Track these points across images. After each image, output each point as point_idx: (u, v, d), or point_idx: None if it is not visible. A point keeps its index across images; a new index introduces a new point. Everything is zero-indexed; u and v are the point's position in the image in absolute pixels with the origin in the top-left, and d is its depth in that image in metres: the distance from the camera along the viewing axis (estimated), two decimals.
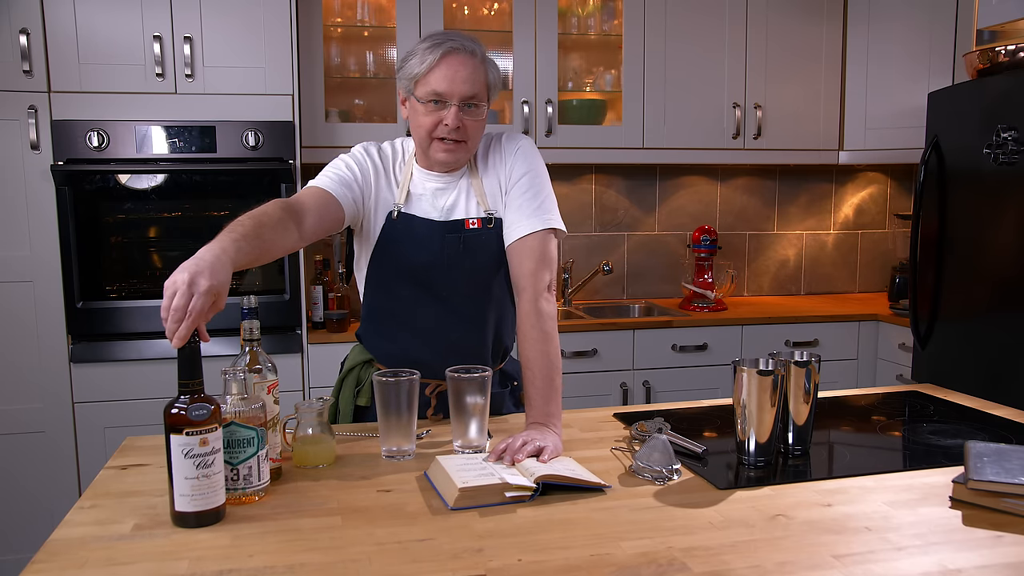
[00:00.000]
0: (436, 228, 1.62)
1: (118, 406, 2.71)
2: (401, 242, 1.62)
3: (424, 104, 1.55)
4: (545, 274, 1.58)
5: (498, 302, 1.69)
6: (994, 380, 2.54)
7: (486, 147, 1.68)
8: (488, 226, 1.63)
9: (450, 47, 1.53)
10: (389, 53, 3.23)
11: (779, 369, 1.37)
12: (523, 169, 1.63)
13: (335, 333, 2.94)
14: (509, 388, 1.79)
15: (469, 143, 1.59)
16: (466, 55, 1.54)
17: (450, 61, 1.53)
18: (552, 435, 1.43)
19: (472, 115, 1.56)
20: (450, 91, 1.52)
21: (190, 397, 1.14)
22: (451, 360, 1.53)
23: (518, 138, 1.69)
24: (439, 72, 1.53)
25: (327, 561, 1.04)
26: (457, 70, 1.53)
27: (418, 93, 1.56)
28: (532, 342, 1.53)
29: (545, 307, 1.56)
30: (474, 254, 1.63)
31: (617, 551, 1.06)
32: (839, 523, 1.15)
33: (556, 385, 1.51)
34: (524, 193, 1.61)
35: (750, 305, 3.56)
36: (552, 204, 1.63)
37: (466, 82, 1.53)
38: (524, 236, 1.58)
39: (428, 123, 1.55)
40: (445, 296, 1.64)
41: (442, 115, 1.54)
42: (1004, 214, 2.52)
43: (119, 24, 2.63)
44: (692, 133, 3.34)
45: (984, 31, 2.89)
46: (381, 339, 1.72)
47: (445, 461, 1.32)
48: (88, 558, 1.05)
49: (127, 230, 2.72)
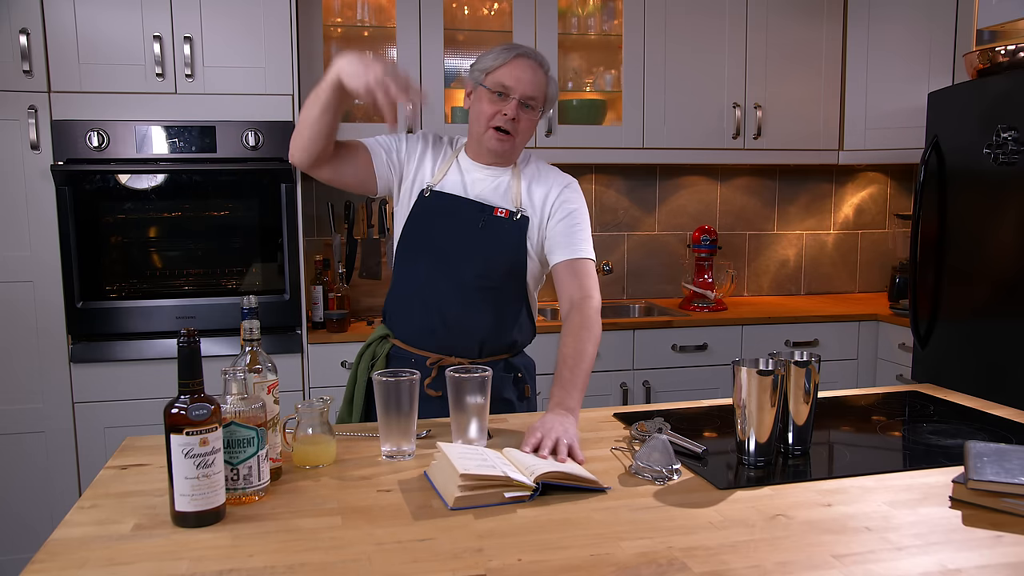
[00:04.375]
0: (463, 204, 1.78)
1: (118, 406, 2.71)
2: (429, 216, 1.78)
3: (490, 93, 1.73)
4: (595, 289, 1.77)
5: (508, 296, 1.81)
6: (994, 380, 2.54)
7: (536, 164, 1.86)
8: (514, 219, 1.78)
9: (523, 52, 1.75)
10: (389, 53, 3.23)
11: (779, 369, 1.37)
12: (576, 204, 1.82)
13: (335, 333, 2.94)
14: (513, 376, 1.87)
15: (518, 139, 1.76)
16: (535, 63, 1.75)
17: (520, 63, 1.73)
18: (569, 420, 1.50)
19: (527, 114, 1.74)
20: (515, 86, 1.72)
21: (190, 397, 1.14)
22: (460, 338, 1.76)
23: (568, 176, 1.87)
24: (509, 69, 1.72)
25: (327, 561, 1.04)
26: (524, 71, 1.72)
27: (487, 83, 1.73)
28: (573, 338, 1.66)
29: (592, 314, 1.71)
30: (492, 238, 1.76)
31: (617, 551, 1.06)
32: (839, 523, 1.16)
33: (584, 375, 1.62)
34: (576, 224, 1.80)
35: (750, 305, 3.56)
36: (591, 240, 1.83)
37: (530, 83, 1.72)
38: (573, 259, 1.77)
39: (490, 111, 1.73)
40: (461, 275, 1.76)
41: (503, 106, 1.72)
42: (1004, 214, 2.52)
43: (119, 24, 2.63)
44: (692, 133, 3.34)
45: (984, 31, 2.89)
46: (400, 313, 1.85)
47: (448, 448, 1.32)
48: (88, 558, 1.05)
49: (127, 230, 2.72)
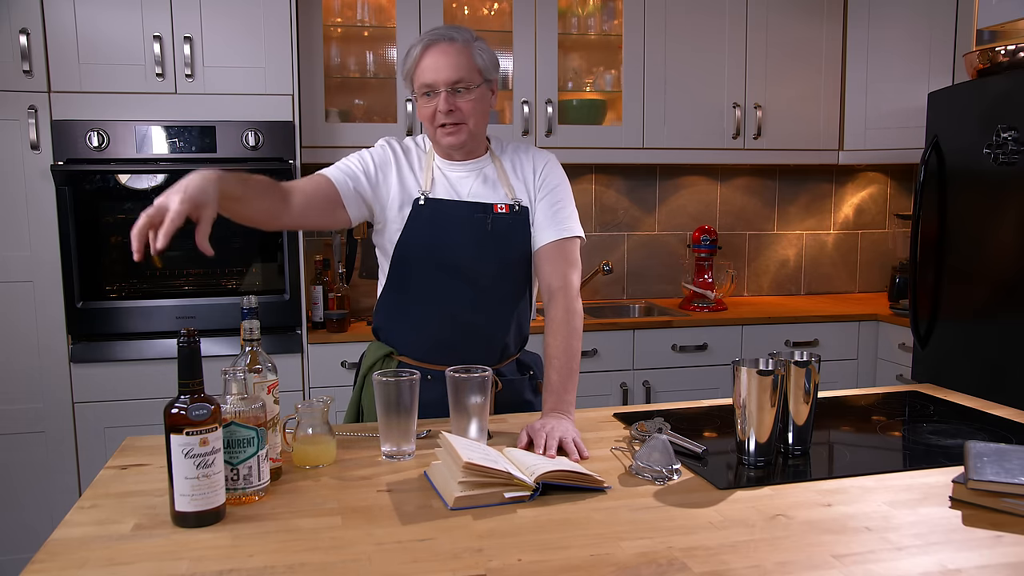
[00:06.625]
0: (464, 208, 1.69)
1: (118, 406, 2.71)
2: (430, 226, 1.68)
3: (420, 97, 1.65)
4: (576, 276, 1.71)
5: (521, 289, 1.77)
6: (994, 380, 2.54)
7: (511, 147, 1.79)
8: (515, 211, 1.71)
9: (430, 39, 1.63)
10: (389, 53, 3.23)
11: (779, 369, 1.37)
12: (557, 180, 1.75)
13: (335, 333, 2.94)
14: (527, 376, 1.84)
15: (470, 124, 1.65)
16: (446, 43, 1.62)
17: (431, 53, 1.62)
18: (567, 421, 1.51)
19: (464, 97, 1.63)
20: (435, 80, 1.61)
21: (190, 397, 1.14)
22: (477, 345, 1.68)
23: (547, 152, 1.81)
24: (423, 64, 1.62)
25: (327, 561, 1.04)
26: (438, 59, 1.61)
27: (415, 87, 1.66)
28: (562, 337, 1.63)
29: (576, 306, 1.67)
30: (503, 238, 1.70)
31: (617, 551, 1.06)
32: (839, 523, 1.15)
33: (575, 376, 1.61)
34: (558, 202, 1.73)
35: (750, 305, 3.56)
36: (576, 214, 1.76)
37: (449, 68, 1.61)
38: (558, 240, 1.70)
39: (427, 113, 1.65)
40: (473, 280, 1.69)
41: (435, 102, 1.62)
42: (1004, 214, 2.52)
43: (119, 24, 2.63)
44: (692, 133, 3.34)
45: (984, 31, 2.89)
46: (406, 329, 1.75)
47: (453, 439, 1.32)
48: (88, 558, 1.05)
49: (127, 230, 2.66)
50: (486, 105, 1.68)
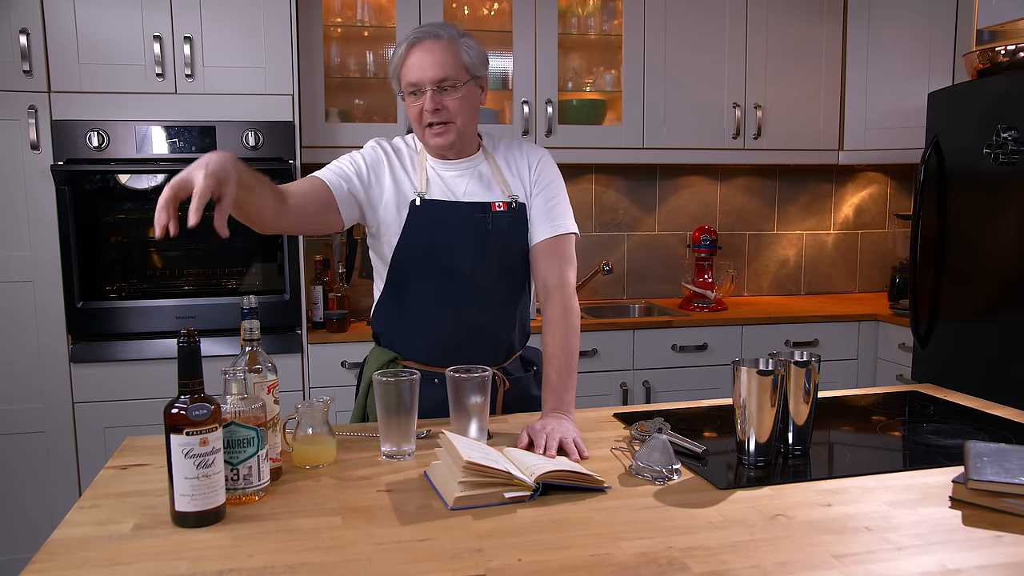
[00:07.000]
0: (463, 208, 1.67)
1: (118, 406, 2.71)
2: (430, 228, 1.66)
3: (407, 96, 1.63)
4: (572, 273, 1.70)
5: (522, 286, 1.77)
6: (994, 380, 2.54)
7: (503, 143, 1.77)
8: (513, 208, 1.70)
9: (416, 37, 1.60)
10: (389, 53, 3.22)
11: (779, 369, 1.37)
12: (552, 176, 1.75)
13: (335, 333, 2.94)
14: (532, 372, 1.84)
15: (458, 122, 1.63)
16: (431, 40, 1.60)
17: (416, 51, 1.60)
18: (567, 422, 1.52)
19: (450, 95, 1.61)
20: (421, 79, 1.59)
21: (190, 397, 1.14)
22: (483, 345, 1.67)
23: (539, 148, 1.80)
24: (408, 64, 1.60)
25: (327, 561, 1.04)
26: (423, 57, 1.59)
27: (401, 87, 1.64)
28: (561, 335, 1.63)
29: (574, 303, 1.67)
30: (503, 236, 1.68)
31: (617, 551, 1.06)
32: (839, 523, 1.15)
33: (574, 375, 1.62)
34: (553, 198, 1.73)
35: (750, 305, 3.56)
36: (570, 210, 1.76)
37: (434, 66, 1.58)
38: (553, 237, 1.69)
39: (414, 113, 1.63)
40: (475, 280, 1.68)
41: (422, 102, 1.60)
42: (1004, 214, 2.52)
43: (119, 24, 2.63)
44: (692, 133, 3.34)
45: (984, 31, 2.89)
46: (409, 333, 1.74)
47: (454, 437, 1.32)
48: (88, 558, 1.05)
49: (127, 230, 2.72)
50: (474, 103, 1.66)
